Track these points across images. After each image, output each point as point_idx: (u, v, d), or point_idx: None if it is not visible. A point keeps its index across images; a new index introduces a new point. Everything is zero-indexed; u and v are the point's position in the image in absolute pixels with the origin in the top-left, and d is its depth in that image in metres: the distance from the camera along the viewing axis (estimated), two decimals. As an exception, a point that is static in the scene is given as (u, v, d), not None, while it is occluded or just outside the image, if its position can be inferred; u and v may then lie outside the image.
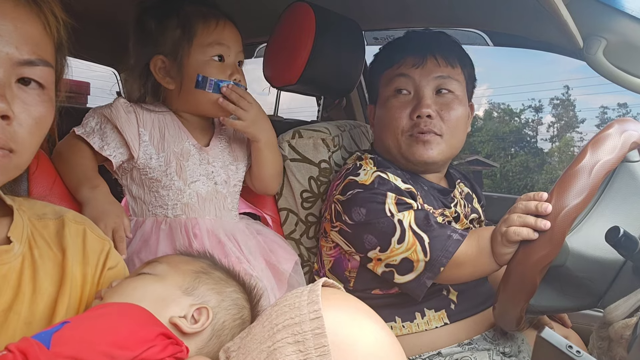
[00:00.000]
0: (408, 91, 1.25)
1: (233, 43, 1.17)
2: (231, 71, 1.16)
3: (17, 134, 0.65)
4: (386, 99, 1.28)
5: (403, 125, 1.24)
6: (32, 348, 0.54)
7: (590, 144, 0.95)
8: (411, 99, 1.25)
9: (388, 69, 1.29)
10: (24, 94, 0.67)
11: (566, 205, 0.91)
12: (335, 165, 1.43)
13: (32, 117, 0.67)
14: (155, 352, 0.63)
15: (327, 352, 0.59)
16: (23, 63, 0.66)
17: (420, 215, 1.12)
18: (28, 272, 0.72)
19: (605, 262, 0.96)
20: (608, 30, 1.20)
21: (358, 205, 1.16)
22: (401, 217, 1.11)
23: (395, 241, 1.10)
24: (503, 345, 1.22)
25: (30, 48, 0.67)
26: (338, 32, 1.49)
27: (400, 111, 1.25)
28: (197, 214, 1.16)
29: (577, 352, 0.60)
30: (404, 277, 1.12)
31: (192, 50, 1.13)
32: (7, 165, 0.66)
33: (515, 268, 0.96)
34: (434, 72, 1.24)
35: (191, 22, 1.13)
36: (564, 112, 31.91)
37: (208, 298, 0.76)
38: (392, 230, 1.11)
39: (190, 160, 1.16)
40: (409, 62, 1.26)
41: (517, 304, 0.97)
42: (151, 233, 1.12)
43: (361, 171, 1.21)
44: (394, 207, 1.13)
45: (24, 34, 0.66)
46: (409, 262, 1.10)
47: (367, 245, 1.15)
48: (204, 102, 1.16)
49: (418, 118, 1.22)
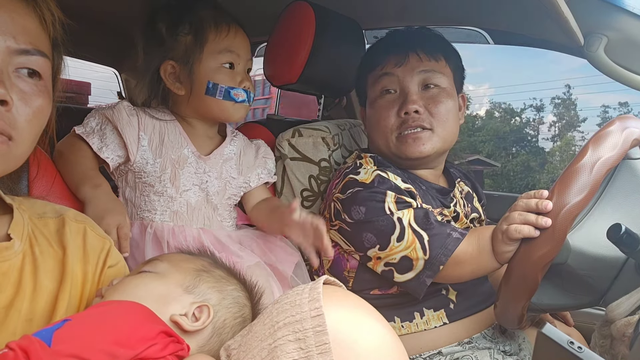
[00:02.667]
0: (394, 90, 1.26)
1: (243, 51, 1.18)
2: (241, 78, 1.17)
3: (16, 121, 0.66)
4: (374, 100, 1.30)
5: (391, 124, 1.25)
6: (34, 346, 0.54)
7: (592, 141, 0.94)
8: (397, 97, 1.26)
9: (373, 71, 1.30)
10: (22, 82, 0.67)
11: (568, 202, 0.91)
12: (335, 164, 1.42)
13: (30, 106, 0.68)
14: (156, 350, 0.63)
15: (328, 349, 0.59)
16: (20, 52, 0.67)
17: (419, 214, 1.12)
18: (29, 269, 0.72)
19: (607, 260, 0.96)
20: (609, 27, 1.20)
21: (358, 204, 1.16)
22: (400, 215, 1.11)
23: (394, 239, 1.10)
24: (503, 344, 1.22)
25: (26, 38, 0.68)
26: (338, 31, 1.50)
27: (387, 110, 1.25)
28: (185, 223, 1.15)
29: (579, 348, 0.60)
30: (403, 275, 1.12)
31: (204, 57, 1.13)
32: (6, 153, 0.66)
33: (516, 266, 0.96)
34: (417, 68, 1.25)
35: (203, 28, 1.14)
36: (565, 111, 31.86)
37: (209, 296, 0.76)
38: (392, 228, 1.11)
39: (185, 168, 1.15)
40: (391, 61, 1.27)
41: (518, 302, 0.96)
42: (138, 237, 1.11)
43: (361, 170, 1.21)
44: (393, 205, 1.13)
45: (20, 25, 0.67)
46: (408, 261, 1.10)
47: (367, 243, 1.15)
48: (214, 108, 1.16)
49: (406, 115, 1.22)
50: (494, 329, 1.24)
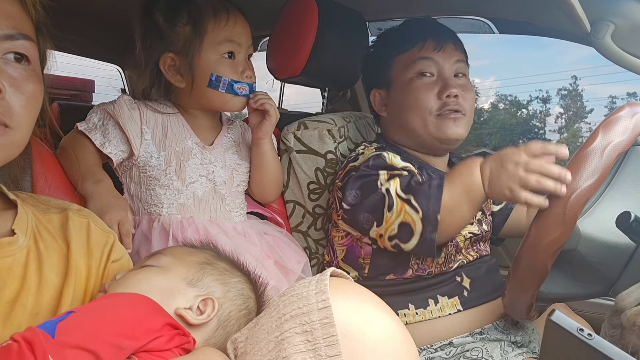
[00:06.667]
0: (431, 73, 1.28)
1: (244, 39, 1.16)
2: (242, 68, 1.16)
3: (10, 108, 0.65)
4: (408, 82, 1.29)
5: (431, 105, 1.26)
6: (38, 337, 0.54)
7: (602, 126, 0.93)
8: (435, 80, 1.28)
9: (404, 53, 1.31)
10: (10, 68, 0.67)
11: (578, 186, 0.89)
12: (341, 156, 1.42)
13: (22, 92, 0.67)
14: (162, 342, 0.63)
15: (336, 341, 0.59)
16: (4, 38, 0.66)
17: (404, 181, 1.13)
18: (33, 264, 0.72)
19: (618, 247, 0.95)
20: (616, 14, 1.18)
21: (352, 188, 1.19)
22: (388, 185, 1.12)
23: (386, 211, 1.11)
24: (514, 335, 1.22)
25: (9, 22, 0.67)
26: (341, 23, 1.48)
27: (426, 92, 1.26)
28: (192, 215, 1.15)
29: (589, 335, 0.59)
30: (409, 243, 1.11)
31: (203, 49, 1.12)
32: (5, 141, 0.66)
33: (526, 252, 0.95)
34: (453, 57, 1.29)
35: (202, 18, 1.11)
36: (572, 102, 31.70)
37: (213, 289, 0.76)
38: (382, 201, 1.12)
39: (191, 159, 1.15)
40: (430, 46, 1.29)
41: (527, 290, 0.95)
42: (147, 231, 1.11)
43: (360, 156, 1.24)
44: (385, 181, 1.14)
45: (3, 10, 0.66)
46: (406, 226, 1.10)
47: (366, 225, 1.16)
48: (215, 100, 1.15)
49: (447, 98, 1.25)
50: (505, 320, 1.24)
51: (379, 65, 1.37)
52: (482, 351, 1.14)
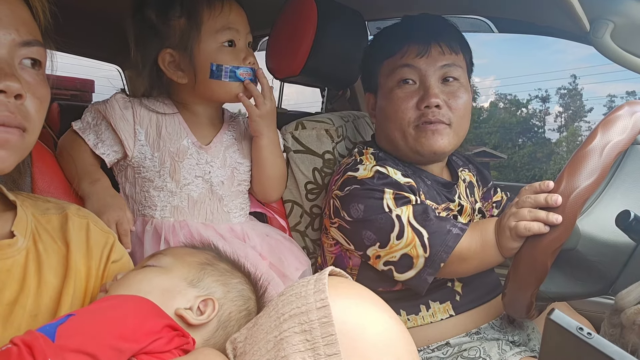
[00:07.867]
0: (413, 81, 1.20)
1: (242, 25, 1.13)
2: (244, 55, 1.12)
3: (28, 112, 0.68)
4: (389, 90, 1.23)
5: (409, 116, 1.19)
6: (37, 341, 0.54)
7: (601, 125, 0.93)
8: (417, 89, 1.20)
9: (389, 58, 1.24)
10: (26, 74, 0.69)
11: (577, 186, 0.89)
12: (339, 156, 1.42)
13: (37, 96, 0.70)
14: (161, 344, 0.63)
15: (335, 340, 0.59)
16: (23, 44, 0.68)
17: (418, 210, 1.10)
18: (33, 265, 0.72)
19: (617, 246, 0.95)
20: (615, 12, 1.18)
21: (356, 202, 1.13)
22: (399, 212, 1.09)
23: (394, 237, 1.09)
24: (512, 334, 1.21)
25: (26, 29, 0.69)
26: (340, 22, 1.49)
27: (406, 102, 1.20)
28: (186, 217, 1.12)
29: (588, 334, 0.59)
30: (403, 274, 1.10)
31: (202, 40, 1.08)
32: (22, 145, 0.68)
33: (525, 252, 0.95)
34: (439, 61, 1.20)
35: (196, 8, 1.08)
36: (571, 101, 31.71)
37: (214, 289, 0.76)
38: (391, 226, 1.09)
39: (186, 160, 1.12)
40: (412, 51, 1.20)
41: (527, 290, 0.95)
42: (140, 234, 1.10)
43: (360, 166, 1.19)
44: (392, 202, 1.10)
45: (19, 16, 0.69)
46: (408, 259, 1.08)
47: (367, 241, 1.13)
48: (220, 91, 1.12)
49: (426, 108, 1.18)
50: (502, 319, 1.23)
51: (370, 69, 1.32)
52: (480, 350, 1.14)
